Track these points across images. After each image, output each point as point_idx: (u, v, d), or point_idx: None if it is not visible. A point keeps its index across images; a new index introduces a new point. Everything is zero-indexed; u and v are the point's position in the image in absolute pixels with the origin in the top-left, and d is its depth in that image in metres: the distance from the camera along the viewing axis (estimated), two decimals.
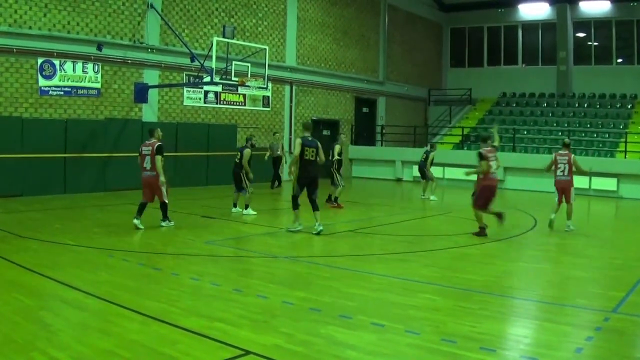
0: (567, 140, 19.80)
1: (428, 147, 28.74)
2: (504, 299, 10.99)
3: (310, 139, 16.99)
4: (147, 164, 17.08)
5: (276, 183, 30.63)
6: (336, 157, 22.97)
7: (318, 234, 16.62)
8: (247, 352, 7.68)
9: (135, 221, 16.92)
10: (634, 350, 8.51)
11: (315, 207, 17.12)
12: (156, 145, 17.10)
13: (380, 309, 9.90)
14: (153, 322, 8.84)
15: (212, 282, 11.58)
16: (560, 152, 18.85)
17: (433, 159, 27.62)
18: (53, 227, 17.03)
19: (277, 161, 30.78)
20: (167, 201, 17.51)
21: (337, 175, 22.90)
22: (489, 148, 17.03)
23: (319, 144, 16.97)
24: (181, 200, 23.55)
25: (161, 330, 8.49)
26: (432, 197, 26.87)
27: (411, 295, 10.69)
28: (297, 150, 16.71)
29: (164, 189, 17.20)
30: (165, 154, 17.10)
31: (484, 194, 16.93)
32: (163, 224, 17.49)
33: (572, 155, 18.68)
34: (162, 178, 16.95)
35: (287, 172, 26.42)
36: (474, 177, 18.00)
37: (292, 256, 14.24)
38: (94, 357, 7.46)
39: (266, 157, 29.57)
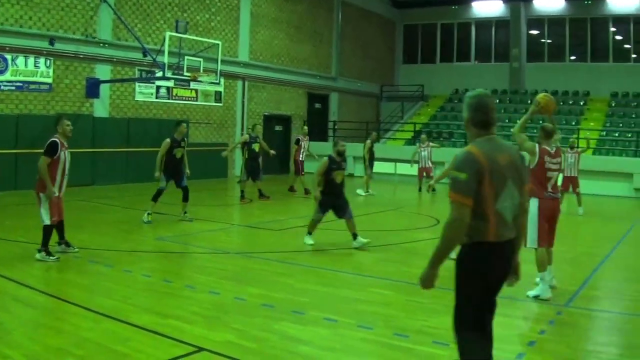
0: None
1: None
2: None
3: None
4: None
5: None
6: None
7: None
8: (200, 349, 7.67)
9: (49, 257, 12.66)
10: (587, 343, 8.62)
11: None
12: (48, 142, 12.96)
13: (333, 304, 9.93)
14: (105, 319, 8.79)
15: (165, 279, 11.55)
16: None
17: (369, 148, 27.79)
18: (3, 224, 16.87)
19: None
20: (46, 223, 12.71)
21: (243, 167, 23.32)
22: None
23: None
24: (133, 197, 23.46)
25: (113, 328, 8.44)
26: (359, 191, 26.85)
27: (364, 290, 10.74)
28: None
29: (45, 204, 12.77)
30: (116, 149, 16.20)
31: None
32: (38, 256, 12.53)
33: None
34: (48, 186, 12.68)
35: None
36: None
37: (244, 252, 14.22)
38: (46, 355, 7.42)
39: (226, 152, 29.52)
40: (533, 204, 10.79)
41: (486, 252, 5.61)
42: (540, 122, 14.86)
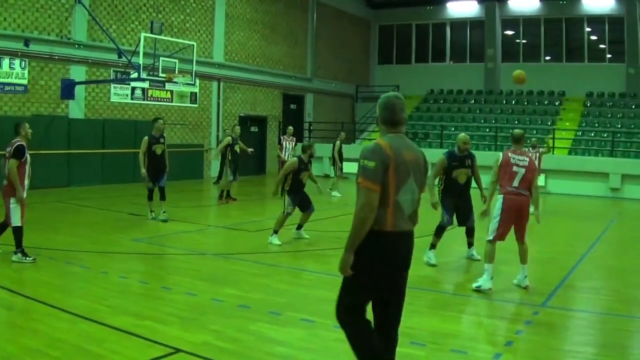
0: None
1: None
2: (433, 293, 11.12)
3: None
4: (3, 169, 12.87)
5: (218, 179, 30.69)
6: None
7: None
8: (177, 350, 7.66)
9: None
10: (564, 343, 8.66)
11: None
12: (15, 145, 12.69)
13: (309, 305, 9.94)
14: (81, 320, 8.77)
15: (140, 280, 11.54)
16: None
17: (339, 149, 28.16)
18: None
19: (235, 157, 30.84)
20: (16, 224, 12.75)
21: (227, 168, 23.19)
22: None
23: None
24: (108, 198, 23.40)
25: (89, 329, 8.43)
26: (334, 193, 26.80)
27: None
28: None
29: (16, 207, 12.75)
30: (92, 150, 15.95)
31: None
32: (14, 257, 12.66)
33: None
34: (17, 190, 12.63)
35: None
36: None
37: (220, 253, 14.20)
38: (21, 356, 7.39)
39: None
40: (499, 201, 11.10)
41: (382, 241, 5.92)
42: (510, 131, 14.77)
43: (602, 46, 42.80)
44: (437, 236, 13.61)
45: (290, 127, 28.07)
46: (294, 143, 26.99)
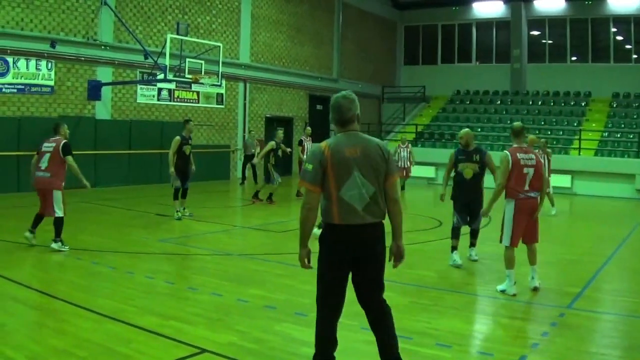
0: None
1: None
2: (459, 295, 11.05)
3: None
4: (43, 163, 13.98)
5: (243, 180, 30.76)
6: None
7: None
8: (203, 350, 7.68)
9: (27, 234, 14.14)
10: (589, 345, 8.59)
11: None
12: (62, 143, 14.04)
13: None
14: (107, 320, 8.80)
15: (166, 281, 11.56)
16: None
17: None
18: (6, 225, 16.89)
19: (249, 159, 30.94)
20: (60, 215, 13.90)
21: (273, 171, 22.99)
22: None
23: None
24: (135, 199, 23.48)
25: (115, 329, 8.45)
26: None
27: None
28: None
29: (59, 199, 13.92)
30: (118, 151, 16.54)
31: None
32: (53, 245, 13.74)
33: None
34: (81, 179, 14.18)
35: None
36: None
37: (246, 254, 14.21)
38: (49, 357, 7.42)
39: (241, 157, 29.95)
40: (509, 204, 10.96)
41: (333, 233, 6.51)
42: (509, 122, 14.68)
43: (628, 46, 42.45)
44: (454, 238, 13.62)
45: (309, 128, 28.04)
46: (310, 144, 26.98)
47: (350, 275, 6.74)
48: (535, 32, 45.56)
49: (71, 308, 9.38)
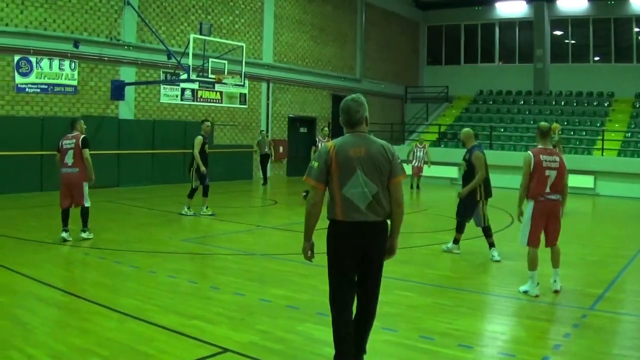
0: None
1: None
2: (480, 295, 11.04)
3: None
4: (68, 159, 15.04)
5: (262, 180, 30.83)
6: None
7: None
8: (225, 350, 7.69)
9: (63, 234, 14.79)
10: (612, 347, 8.55)
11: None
12: (81, 138, 15.12)
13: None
14: (130, 319, 8.83)
15: (189, 280, 11.59)
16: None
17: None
18: (29, 225, 16.99)
19: (264, 159, 31.00)
20: (88, 205, 15.16)
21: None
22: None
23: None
24: (158, 198, 23.55)
25: (138, 328, 8.48)
26: None
27: (388, 292, 10.64)
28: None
29: (86, 189, 15.12)
30: (141, 151, 16.81)
31: None
32: (83, 234, 15.07)
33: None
34: (91, 174, 15.08)
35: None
36: None
37: (268, 254, 14.22)
38: (71, 355, 7.45)
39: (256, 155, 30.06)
40: (529, 205, 10.96)
41: (336, 228, 6.76)
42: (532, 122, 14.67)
43: None
44: (457, 232, 14.58)
45: (326, 128, 27.99)
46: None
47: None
48: (558, 32, 45.42)
49: (94, 307, 9.42)
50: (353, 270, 6.82)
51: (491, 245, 14.05)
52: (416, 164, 30.04)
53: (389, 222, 6.90)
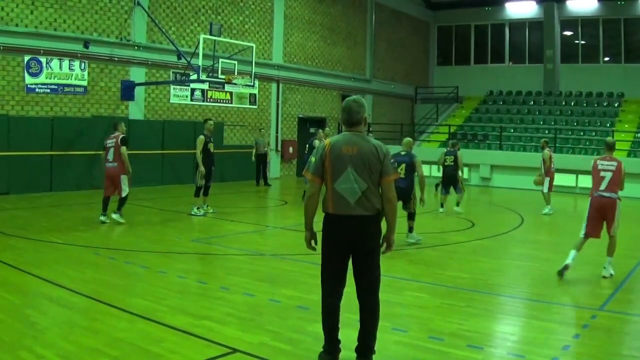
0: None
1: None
2: (490, 296, 11.02)
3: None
4: (110, 156, 17.74)
5: (261, 181, 30.64)
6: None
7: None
8: (234, 350, 7.69)
9: (102, 217, 17.65)
10: (621, 348, 8.53)
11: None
12: (120, 137, 17.80)
13: None
14: (140, 320, 8.84)
15: (199, 280, 11.60)
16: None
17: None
18: (39, 225, 17.01)
19: (262, 158, 30.87)
20: (125, 196, 17.81)
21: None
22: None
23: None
24: (168, 198, 23.57)
25: (148, 329, 8.49)
26: None
27: (398, 292, 10.69)
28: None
29: (125, 182, 17.79)
30: (151, 151, 17.22)
31: None
32: (114, 215, 17.68)
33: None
34: (128, 168, 17.77)
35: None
36: None
37: (278, 254, 14.22)
38: (81, 355, 7.46)
39: (253, 157, 29.85)
40: (589, 201, 12.96)
41: (328, 220, 7.33)
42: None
43: None
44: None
45: (327, 128, 27.87)
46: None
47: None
48: (568, 33, 45.33)
49: (104, 307, 9.43)
50: (341, 260, 7.41)
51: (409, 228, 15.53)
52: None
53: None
